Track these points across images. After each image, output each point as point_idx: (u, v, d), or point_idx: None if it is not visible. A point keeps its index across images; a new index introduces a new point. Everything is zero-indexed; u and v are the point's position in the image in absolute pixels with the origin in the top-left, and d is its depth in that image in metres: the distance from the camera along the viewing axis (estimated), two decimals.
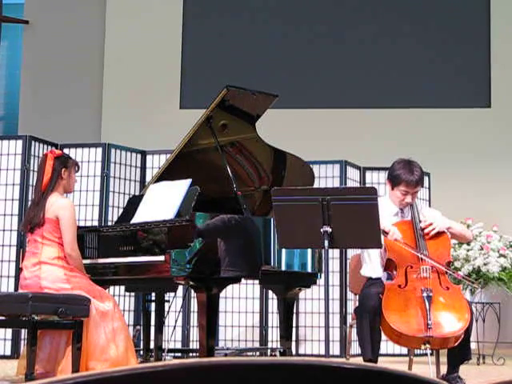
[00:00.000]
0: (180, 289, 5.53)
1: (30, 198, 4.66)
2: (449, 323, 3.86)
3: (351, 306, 6.41)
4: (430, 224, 4.21)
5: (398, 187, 4.27)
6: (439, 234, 4.22)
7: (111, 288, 5.74)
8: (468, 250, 6.57)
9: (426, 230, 4.19)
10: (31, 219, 4.38)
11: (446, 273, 4.13)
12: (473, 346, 4.20)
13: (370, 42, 9.35)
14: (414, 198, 4.31)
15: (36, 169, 5.50)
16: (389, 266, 4.16)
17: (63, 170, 4.46)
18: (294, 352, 5.50)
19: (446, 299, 3.95)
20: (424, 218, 4.29)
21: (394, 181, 4.30)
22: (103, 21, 9.74)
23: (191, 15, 9.65)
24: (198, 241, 4.00)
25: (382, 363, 4.69)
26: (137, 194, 6.34)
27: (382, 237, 3.94)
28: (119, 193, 6.63)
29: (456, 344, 3.86)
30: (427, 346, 3.77)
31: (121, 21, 9.68)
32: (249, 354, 6.33)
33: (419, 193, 7.25)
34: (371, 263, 4.32)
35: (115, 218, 6.03)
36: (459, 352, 4.00)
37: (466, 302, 4.01)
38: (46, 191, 4.40)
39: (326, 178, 6.85)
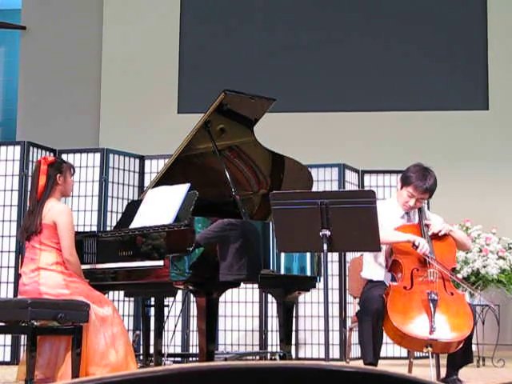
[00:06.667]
0: (179, 293, 5.53)
1: (28, 204, 4.64)
2: (453, 329, 3.87)
3: (351, 310, 6.41)
4: (435, 227, 4.22)
5: (407, 188, 4.28)
6: (445, 238, 4.23)
7: (110, 293, 5.74)
8: (467, 253, 6.57)
9: (432, 231, 4.20)
10: (27, 228, 4.36)
11: (451, 278, 4.14)
12: (473, 348, 4.20)
13: (368, 45, 9.35)
14: (417, 204, 4.31)
15: None
16: (394, 267, 4.17)
17: (58, 175, 4.42)
18: (293, 356, 5.50)
19: (450, 304, 3.96)
20: (429, 222, 4.30)
21: (404, 181, 4.32)
22: (100, 26, 9.74)
23: (189, 20, 9.66)
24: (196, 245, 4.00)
25: (382, 366, 4.69)
26: (135, 198, 6.34)
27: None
28: (118, 198, 6.63)
29: (457, 349, 3.87)
30: (429, 349, 3.77)
31: (118, 26, 9.68)
32: (249, 358, 6.32)
33: None
34: (375, 264, 4.31)
35: (114, 223, 6.03)
36: (461, 355, 4.02)
37: (470, 309, 4.02)
38: (41, 199, 4.37)
39: (324, 181, 6.85)
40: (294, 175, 4.88)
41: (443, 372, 4.17)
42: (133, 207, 4.73)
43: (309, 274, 4.60)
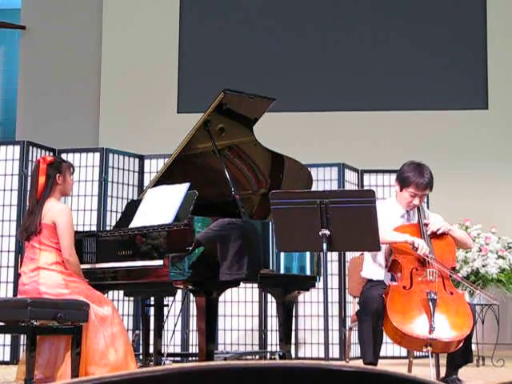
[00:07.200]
0: (179, 293, 5.54)
1: (27, 204, 4.63)
2: (453, 328, 3.87)
3: (350, 309, 6.41)
4: (434, 225, 4.22)
5: (407, 189, 4.26)
6: (444, 237, 4.23)
7: (110, 293, 5.73)
8: (466, 252, 6.57)
9: (431, 230, 4.20)
10: (27, 228, 4.35)
11: (450, 277, 4.13)
12: (472, 347, 4.21)
13: (367, 44, 9.36)
14: (421, 201, 4.31)
15: None
16: (394, 267, 4.17)
17: (57, 175, 4.41)
18: (293, 355, 5.50)
19: (450, 304, 3.96)
20: (428, 221, 4.30)
21: (403, 182, 4.29)
22: (100, 26, 9.74)
23: (188, 20, 9.66)
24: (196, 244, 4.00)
25: (382, 365, 4.69)
26: (135, 198, 6.33)
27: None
28: (117, 197, 6.63)
29: (457, 349, 3.87)
30: (429, 348, 3.77)
31: (118, 26, 9.68)
32: (248, 357, 6.33)
33: None
34: (375, 264, 4.31)
35: (113, 223, 6.02)
36: (461, 355, 4.02)
37: (470, 308, 4.02)
38: (41, 199, 4.37)
39: (324, 180, 6.85)
40: (294, 175, 4.87)
41: (443, 371, 4.17)
42: (132, 207, 4.73)
43: (308, 273, 4.60)
